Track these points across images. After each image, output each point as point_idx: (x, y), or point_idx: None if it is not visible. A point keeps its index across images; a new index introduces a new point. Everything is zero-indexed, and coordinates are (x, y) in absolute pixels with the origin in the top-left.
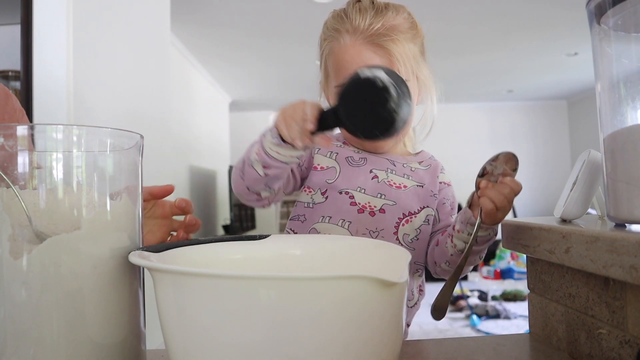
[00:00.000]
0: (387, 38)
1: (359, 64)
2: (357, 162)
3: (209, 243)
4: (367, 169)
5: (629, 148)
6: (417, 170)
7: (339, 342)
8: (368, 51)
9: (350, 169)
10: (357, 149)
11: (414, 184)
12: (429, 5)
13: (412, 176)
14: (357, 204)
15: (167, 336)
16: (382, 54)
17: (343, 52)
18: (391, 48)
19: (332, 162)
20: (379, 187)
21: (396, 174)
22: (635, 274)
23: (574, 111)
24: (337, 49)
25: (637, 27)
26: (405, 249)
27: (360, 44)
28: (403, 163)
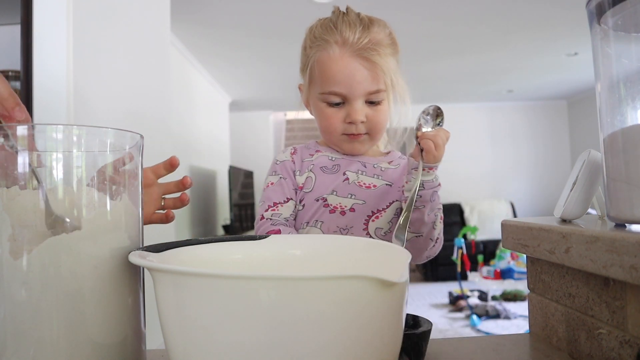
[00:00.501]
0: (374, 52)
1: (347, 74)
2: (330, 169)
3: (209, 243)
4: (340, 173)
5: (629, 148)
6: (386, 170)
7: (339, 342)
8: (356, 63)
9: (325, 177)
10: (332, 156)
11: (384, 183)
12: (429, 6)
13: (382, 176)
14: (329, 205)
15: (167, 336)
16: (368, 66)
17: (332, 62)
18: (377, 61)
19: (308, 174)
20: (349, 188)
21: (366, 175)
22: (635, 274)
23: (574, 111)
24: (325, 59)
25: (637, 27)
26: (405, 249)
27: (349, 56)
28: (374, 164)
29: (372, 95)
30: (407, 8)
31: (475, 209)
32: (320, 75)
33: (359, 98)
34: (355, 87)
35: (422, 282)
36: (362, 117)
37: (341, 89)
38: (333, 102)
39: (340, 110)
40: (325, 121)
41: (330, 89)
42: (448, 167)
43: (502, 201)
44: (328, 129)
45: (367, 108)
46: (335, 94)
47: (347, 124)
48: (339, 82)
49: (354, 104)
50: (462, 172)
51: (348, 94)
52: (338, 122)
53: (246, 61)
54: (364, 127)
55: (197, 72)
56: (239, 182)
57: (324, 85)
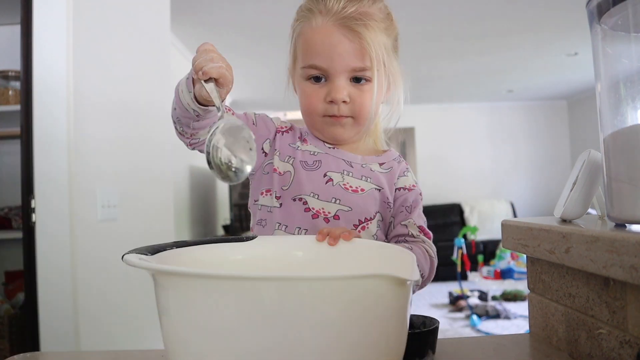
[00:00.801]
0: (360, 22)
1: (328, 45)
2: (310, 166)
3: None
4: (321, 173)
5: (629, 148)
6: (376, 172)
7: (348, 342)
8: (338, 34)
9: (304, 174)
10: (314, 150)
11: (373, 187)
12: (429, 6)
13: (370, 178)
14: (311, 209)
15: (167, 337)
16: (352, 37)
17: (313, 32)
18: (363, 32)
19: (288, 167)
20: (333, 191)
21: (353, 176)
22: (635, 274)
23: (574, 111)
24: (307, 30)
25: (637, 27)
26: (409, 251)
27: (332, 26)
28: (362, 164)
29: (357, 73)
30: (407, 8)
31: (475, 209)
32: (302, 48)
33: (342, 74)
34: (336, 60)
35: None
36: (344, 97)
37: (321, 61)
38: (313, 76)
39: (321, 88)
40: (304, 100)
41: (310, 61)
42: (448, 167)
43: (502, 201)
44: (308, 109)
45: (351, 87)
46: (315, 67)
47: (328, 103)
48: (319, 54)
49: (335, 81)
50: (462, 172)
51: (329, 68)
52: (318, 101)
53: (246, 62)
54: (347, 108)
55: None
56: None
57: (305, 58)
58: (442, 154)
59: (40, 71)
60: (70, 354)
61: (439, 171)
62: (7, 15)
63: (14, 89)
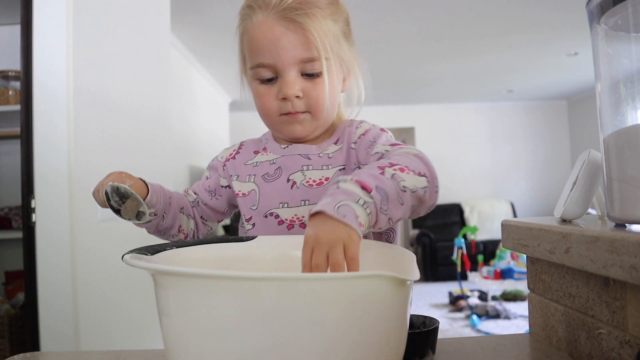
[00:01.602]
0: (301, 12)
1: (271, 40)
2: (272, 176)
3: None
4: (284, 179)
5: (629, 148)
6: (334, 154)
7: (347, 342)
8: (279, 26)
9: (269, 186)
10: (272, 159)
11: (336, 170)
12: (429, 6)
13: (331, 163)
14: (285, 221)
15: (167, 337)
16: (294, 29)
17: (255, 29)
18: (305, 23)
19: (251, 185)
20: (299, 193)
21: (313, 169)
22: (635, 274)
23: (574, 111)
24: (249, 28)
25: (637, 27)
26: (408, 250)
27: (272, 20)
28: (319, 153)
29: (307, 65)
30: (407, 8)
31: (475, 209)
32: (247, 47)
33: (291, 68)
34: (282, 54)
35: (422, 282)
36: (297, 91)
37: (267, 58)
38: (264, 77)
39: (273, 86)
40: (258, 101)
41: (257, 60)
42: (448, 167)
43: (502, 201)
44: (262, 110)
45: (303, 81)
46: (263, 65)
47: (281, 100)
48: (264, 51)
49: (285, 76)
50: (462, 172)
51: (276, 63)
52: (271, 100)
53: None
54: (302, 103)
55: (197, 72)
56: None
57: (252, 58)
58: (442, 154)
59: (40, 71)
60: (70, 354)
61: (439, 171)
62: (7, 15)
63: (14, 89)
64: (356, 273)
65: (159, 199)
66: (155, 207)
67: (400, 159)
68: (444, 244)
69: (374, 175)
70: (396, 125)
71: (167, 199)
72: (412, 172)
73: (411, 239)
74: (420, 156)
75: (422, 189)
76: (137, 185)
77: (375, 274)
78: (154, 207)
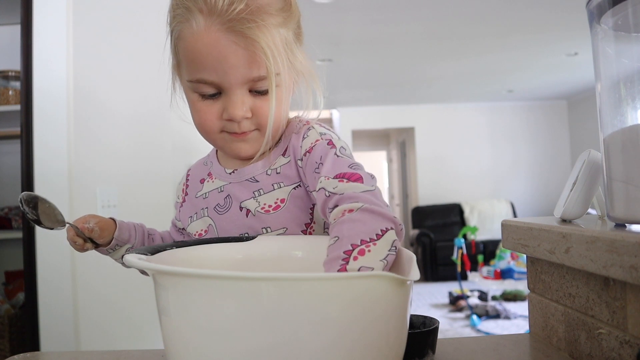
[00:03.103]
0: (252, 24)
1: (217, 56)
2: (224, 207)
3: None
4: (236, 208)
5: (629, 148)
6: (283, 168)
7: (348, 342)
8: (227, 40)
9: (223, 219)
10: (219, 186)
11: (290, 189)
12: (430, 6)
13: (282, 182)
14: None
15: (167, 337)
16: (245, 44)
17: (196, 40)
18: (257, 37)
19: (207, 220)
20: (257, 221)
21: (265, 192)
22: (635, 274)
23: (574, 111)
24: (188, 34)
25: (637, 27)
26: (408, 250)
27: (218, 31)
28: (266, 170)
29: (257, 84)
30: (407, 8)
31: (475, 209)
32: (184, 56)
33: (238, 87)
34: (229, 73)
35: (422, 282)
36: (245, 112)
37: (212, 76)
38: (205, 93)
39: (215, 102)
40: (196, 117)
41: (198, 75)
42: (448, 167)
43: (502, 201)
44: (203, 128)
45: (251, 98)
46: (206, 82)
47: (227, 121)
48: (208, 67)
49: (231, 96)
50: (462, 172)
51: (222, 82)
52: (214, 119)
53: None
54: (250, 123)
55: None
56: None
57: (191, 70)
58: (442, 154)
59: (40, 71)
60: (70, 353)
61: (439, 171)
62: (7, 15)
63: (14, 89)
64: (356, 273)
65: (131, 233)
66: (130, 242)
67: (356, 229)
68: (444, 244)
69: None
70: (396, 125)
71: (147, 235)
72: (376, 243)
73: (411, 239)
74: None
75: (392, 246)
76: (102, 223)
77: (375, 274)
78: (128, 243)
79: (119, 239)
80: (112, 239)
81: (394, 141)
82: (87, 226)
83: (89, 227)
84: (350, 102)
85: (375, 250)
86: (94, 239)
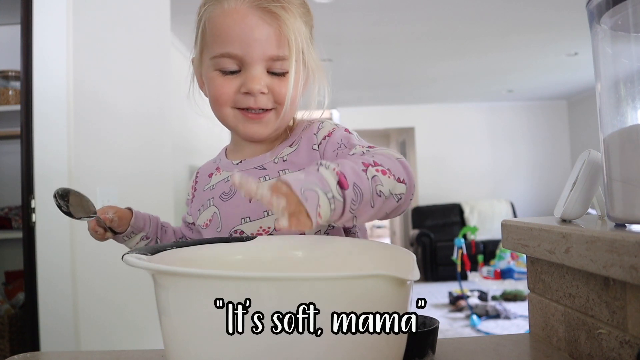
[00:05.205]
0: (278, 4)
1: (244, 29)
2: (229, 194)
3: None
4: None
5: (629, 148)
6: (289, 156)
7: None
8: (255, 16)
9: (227, 205)
10: (226, 177)
11: None
12: (430, 6)
13: (288, 168)
14: None
15: (167, 337)
16: (270, 21)
17: (225, 16)
18: (282, 15)
19: (212, 210)
20: (260, 205)
21: (270, 178)
22: (635, 274)
23: (574, 111)
24: (218, 14)
25: (637, 27)
26: (408, 250)
27: (247, 8)
28: (274, 159)
29: (276, 63)
30: (407, 8)
31: (475, 209)
32: (211, 34)
33: (258, 64)
34: (253, 46)
35: (422, 282)
36: (262, 87)
37: (236, 48)
38: (227, 68)
39: (235, 78)
40: (214, 90)
41: (222, 49)
42: (448, 167)
43: (502, 201)
44: (218, 101)
45: (268, 78)
46: (229, 55)
47: (243, 95)
48: (233, 40)
49: (251, 70)
50: (462, 172)
51: (245, 55)
52: (230, 92)
53: None
54: (266, 99)
55: None
56: None
57: (216, 46)
58: (442, 154)
59: (40, 71)
60: (70, 354)
61: (439, 171)
62: (7, 15)
63: (14, 89)
64: (356, 273)
65: (146, 222)
66: (144, 231)
67: (384, 161)
68: (444, 244)
69: (356, 171)
70: (396, 125)
71: (160, 226)
72: (392, 177)
73: (411, 239)
74: (402, 161)
75: (397, 195)
76: (120, 212)
77: (375, 274)
78: (143, 231)
79: (134, 227)
80: (128, 227)
81: (394, 141)
82: (107, 216)
83: (109, 217)
84: (350, 102)
85: (384, 180)
86: (113, 228)
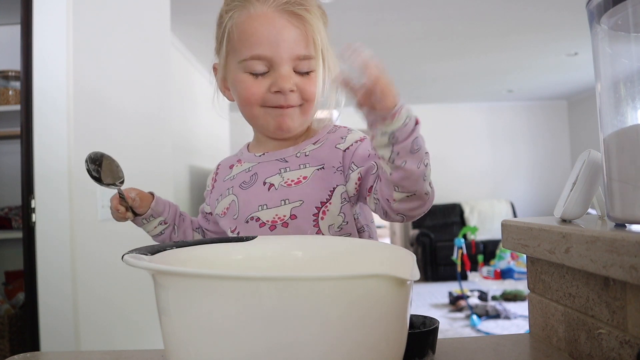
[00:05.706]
0: (302, 7)
1: (273, 32)
2: (249, 183)
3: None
4: (260, 183)
5: (628, 148)
6: (312, 152)
7: (348, 342)
8: (282, 19)
9: (246, 193)
10: (247, 167)
11: (314, 169)
12: (429, 6)
13: (309, 162)
14: (267, 223)
15: (167, 337)
16: (297, 23)
17: (253, 20)
18: (306, 17)
19: (231, 198)
20: (278, 194)
21: (291, 170)
22: (635, 274)
23: (574, 111)
24: (245, 18)
25: (637, 27)
26: (408, 250)
27: (273, 12)
28: (296, 153)
29: (302, 62)
30: (407, 8)
31: (475, 209)
32: (239, 39)
33: (286, 63)
34: (282, 47)
35: (422, 282)
36: (292, 85)
37: (265, 50)
38: (257, 70)
39: (264, 79)
40: (243, 91)
41: (252, 52)
42: (448, 166)
43: (502, 201)
44: (248, 100)
45: (296, 77)
46: (259, 57)
47: (274, 94)
48: (262, 42)
49: (280, 70)
50: (462, 172)
51: (274, 56)
52: (260, 92)
53: None
54: (295, 97)
55: (197, 72)
56: None
57: (244, 49)
58: (442, 154)
59: (40, 71)
60: (70, 354)
61: (439, 171)
62: (7, 15)
63: (14, 89)
64: (356, 273)
65: (166, 208)
66: (163, 216)
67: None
68: (444, 244)
69: None
70: None
71: (179, 214)
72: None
73: (411, 239)
74: None
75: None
76: (141, 194)
77: (375, 274)
78: (162, 215)
79: (154, 210)
80: (148, 210)
81: None
82: (130, 195)
83: (131, 196)
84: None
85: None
86: (134, 209)
